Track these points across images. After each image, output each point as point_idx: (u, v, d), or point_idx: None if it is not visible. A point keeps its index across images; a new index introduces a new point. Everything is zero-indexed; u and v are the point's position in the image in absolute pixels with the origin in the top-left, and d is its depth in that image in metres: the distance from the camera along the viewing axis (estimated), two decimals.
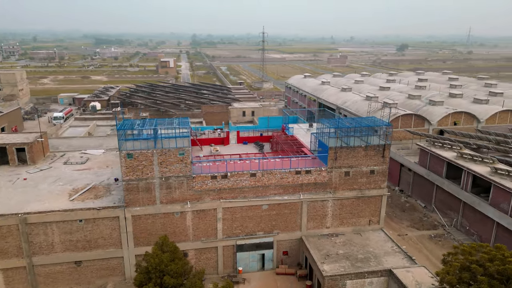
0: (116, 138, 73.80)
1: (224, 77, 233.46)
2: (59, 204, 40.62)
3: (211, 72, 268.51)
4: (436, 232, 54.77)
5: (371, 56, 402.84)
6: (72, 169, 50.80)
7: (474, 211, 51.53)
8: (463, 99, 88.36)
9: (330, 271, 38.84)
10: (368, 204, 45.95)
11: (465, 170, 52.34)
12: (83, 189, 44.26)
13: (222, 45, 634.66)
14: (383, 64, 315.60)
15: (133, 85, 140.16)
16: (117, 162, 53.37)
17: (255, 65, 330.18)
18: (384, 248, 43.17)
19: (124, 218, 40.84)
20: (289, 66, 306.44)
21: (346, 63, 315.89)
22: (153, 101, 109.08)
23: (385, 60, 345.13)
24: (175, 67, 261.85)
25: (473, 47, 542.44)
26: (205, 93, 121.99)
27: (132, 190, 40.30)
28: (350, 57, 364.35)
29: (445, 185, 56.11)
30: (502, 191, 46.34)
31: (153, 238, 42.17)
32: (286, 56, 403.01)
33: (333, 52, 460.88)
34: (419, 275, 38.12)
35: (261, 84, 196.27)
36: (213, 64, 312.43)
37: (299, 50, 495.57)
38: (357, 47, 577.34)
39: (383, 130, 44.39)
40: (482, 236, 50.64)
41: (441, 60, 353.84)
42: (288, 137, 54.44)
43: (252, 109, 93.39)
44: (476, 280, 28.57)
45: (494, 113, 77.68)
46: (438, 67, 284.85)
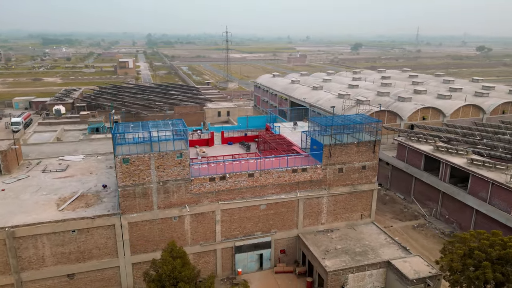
0: (90, 142, 71.00)
1: (187, 77, 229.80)
2: (47, 215, 38.18)
3: (172, 72, 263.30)
4: (418, 222, 57.51)
5: (329, 55, 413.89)
6: (52, 177, 47.89)
7: (453, 201, 54.69)
8: (427, 95, 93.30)
9: (332, 266, 39.61)
10: (360, 199, 47.34)
11: (443, 162, 55.40)
12: (71, 197, 41.90)
13: (179, 45, 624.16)
14: (340, 63, 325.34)
15: (96, 87, 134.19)
16: (100, 168, 51.13)
17: (216, 64, 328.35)
18: (379, 240, 44.69)
19: (120, 226, 39.16)
20: (250, 66, 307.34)
21: (306, 62, 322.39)
22: (121, 103, 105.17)
23: (342, 59, 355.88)
24: (135, 68, 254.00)
25: (421, 46, 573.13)
26: (174, 94, 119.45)
27: (129, 196, 38.73)
28: (308, 56, 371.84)
29: (424, 177, 59.05)
30: (480, 180, 49.58)
31: (151, 245, 40.90)
32: (247, 55, 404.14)
33: (291, 52, 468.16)
34: (415, 264, 39.85)
35: (226, 84, 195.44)
36: (174, 64, 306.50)
37: (258, 50, 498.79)
38: (314, 46, 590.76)
39: (373, 126, 45.83)
40: (461, 224, 53.88)
41: (393, 58, 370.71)
42: (276, 136, 54.76)
43: (227, 109, 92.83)
44: (479, 266, 30.37)
45: (458, 108, 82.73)
46: (392, 65, 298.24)
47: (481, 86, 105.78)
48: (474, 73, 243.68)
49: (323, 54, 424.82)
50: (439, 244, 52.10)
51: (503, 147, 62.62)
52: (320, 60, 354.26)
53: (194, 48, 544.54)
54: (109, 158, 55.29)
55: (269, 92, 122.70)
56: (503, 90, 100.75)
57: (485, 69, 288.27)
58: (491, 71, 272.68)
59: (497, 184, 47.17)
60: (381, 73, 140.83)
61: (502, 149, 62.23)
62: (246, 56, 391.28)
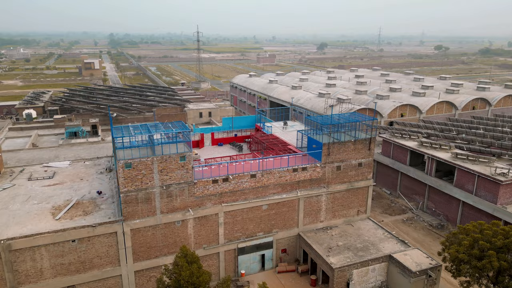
0: (70, 147, 67.98)
1: (157, 78, 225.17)
2: (44, 225, 36.23)
3: (140, 73, 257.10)
4: (406, 216, 59.52)
5: (296, 55, 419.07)
6: (40, 185, 45.48)
7: (439, 194, 57.06)
8: (402, 93, 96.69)
9: (337, 263, 40.22)
10: (356, 196, 48.35)
11: (429, 157, 57.65)
12: (67, 206, 39.98)
13: (144, 45, 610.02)
14: (308, 62, 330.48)
15: (65, 89, 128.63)
16: (91, 173, 49.14)
17: (185, 65, 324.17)
18: (377, 235, 45.85)
19: (122, 233, 37.81)
20: (220, 66, 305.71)
21: (275, 62, 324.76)
22: (96, 105, 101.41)
23: (310, 59, 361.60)
24: (101, 69, 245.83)
25: (383, 45, 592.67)
26: (150, 95, 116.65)
27: (131, 202, 37.48)
28: (277, 56, 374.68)
29: (410, 172, 61.17)
30: (466, 173, 52.04)
31: (154, 251, 39.81)
32: (215, 55, 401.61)
33: (259, 52, 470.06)
34: (416, 256, 41.25)
35: (199, 84, 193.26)
36: (141, 65, 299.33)
37: (226, 50, 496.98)
38: (280, 46, 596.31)
39: (368, 124, 46.92)
40: (448, 216, 56.32)
41: (358, 58, 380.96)
42: (269, 136, 54.83)
43: (209, 110, 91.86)
44: (483, 256, 31.86)
45: (432, 105, 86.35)
46: (357, 64, 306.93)
47: (450, 83, 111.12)
48: (435, 72, 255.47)
49: (291, 54, 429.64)
50: (429, 236, 54.33)
51: (480, 141, 66.05)
52: (289, 60, 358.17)
53: (160, 48, 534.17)
54: (97, 163, 53.23)
55: (247, 92, 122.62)
56: (470, 87, 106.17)
57: (444, 67, 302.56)
58: (450, 69, 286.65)
59: (483, 176, 49.68)
60: (353, 72, 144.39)
61: (479, 143, 65.65)
62: (215, 56, 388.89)
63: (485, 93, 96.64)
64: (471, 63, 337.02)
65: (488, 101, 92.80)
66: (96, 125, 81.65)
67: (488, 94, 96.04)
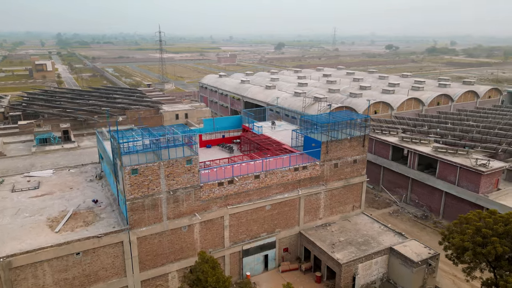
0: (45, 155, 63.91)
1: (116, 79, 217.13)
2: (45, 239, 33.93)
3: (97, 75, 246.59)
4: (392, 209, 62.01)
5: (255, 54, 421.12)
6: (27, 196, 42.48)
7: (422, 186, 60.01)
8: (372, 91, 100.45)
9: (344, 259, 41.14)
10: (351, 191, 49.66)
11: (412, 151, 60.43)
12: (63, 217, 37.65)
13: (96, 45, 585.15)
14: (269, 62, 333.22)
15: (23, 93, 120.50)
16: (79, 182, 46.64)
17: (144, 65, 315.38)
18: (374, 229, 47.40)
19: (128, 242, 36.25)
20: (181, 66, 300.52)
21: (236, 61, 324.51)
22: (61, 109, 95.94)
23: (270, 58, 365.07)
24: (54, 71, 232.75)
25: (337, 45, 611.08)
26: (118, 98, 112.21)
27: (137, 209, 36.02)
28: (237, 55, 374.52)
29: (393, 166, 63.78)
30: (448, 166, 55.16)
31: (160, 259, 38.56)
32: (173, 55, 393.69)
33: (218, 51, 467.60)
34: (415, 247, 43.15)
35: (163, 85, 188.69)
36: (97, 66, 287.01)
37: (184, 50, 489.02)
38: (238, 46, 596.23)
39: (362, 121, 48.35)
40: (431, 206, 59.38)
41: (316, 57, 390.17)
42: (261, 136, 54.85)
43: (185, 111, 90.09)
44: (486, 243, 33.96)
45: (402, 101, 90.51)
46: (315, 63, 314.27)
47: (413, 81, 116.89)
48: (390, 70, 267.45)
49: (250, 54, 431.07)
50: (415, 227, 56.94)
51: (453, 135, 70.28)
52: (249, 60, 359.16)
53: (113, 49, 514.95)
54: (83, 170, 50.53)
55: (218, 93, 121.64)
56: (432, 84, 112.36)
57: (397, 65, 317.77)
58: (403, 67, 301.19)
59: (465, 168, 52.91)
60: (320, 71, 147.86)
61: (452, 137, 69.83)
62: (173, 56, 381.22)
63: (447, 90, 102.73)
64: (420, 61, 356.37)
65: (450, 97, 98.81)
66: (68, 130, 77.41)
67: (449, 90, 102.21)
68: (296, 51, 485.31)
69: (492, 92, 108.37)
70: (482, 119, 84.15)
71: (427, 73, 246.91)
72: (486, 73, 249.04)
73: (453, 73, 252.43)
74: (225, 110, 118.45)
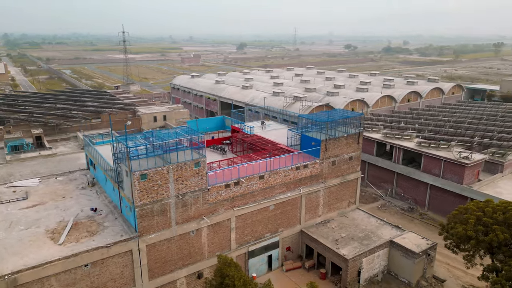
0: (21, 163, 59.81)
1: (77, 81, 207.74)
2: (49, 252, 31.85)
3: (55, 77, 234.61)
4: (379, 203, 64.02)
5: (218, 54, 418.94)
6: (17, 208, 39.70)
7: (407, 180, 62.44)
8: (347, 89, 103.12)
9: (350, 254, 41.93)
10: (348, 188, 50.72)
11: (396, 147, 62.71)
12: (64, 228, 35.51)
13: (48, 46, 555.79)
14: (233, 62, 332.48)
15: None
16: (70, 190, 44.24)
17: (103, 66, 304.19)
18: (372, 223, 48.70)
19: (137, 250, 34.83)
20: (143, 67, 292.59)
21: (200, 62, 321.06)
22: (28, 114, 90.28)
23: (234, 58, 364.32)
24: (7, 73, 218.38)
25: (297, 45, 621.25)
26: (87, 101, 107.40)
27: (147, 215, 34.69)
28: (201, 56, 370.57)
29: (379, 162, 65.84)
30: (433, 159, 57.80)
31: (169, 266, 37.40)
32: (134, 56, 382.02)
33: (179, 52, 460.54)
34: (413, 239, 44.84)
35: (128, 87, 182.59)
36: (52, 68, 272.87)
37: (144, 50, 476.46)
38: (199, 46, 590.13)
39: (357, 119, 49.45)
40: (416, 199, 61.93)
41: (279, 57, 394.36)
42: (254, 137, 54.63)
43: (163, 113, 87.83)
44: (488, 231, 35.95)
45: (377, 99, 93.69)
46: (278, 63, 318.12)
47: (383, 79, 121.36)
48: (352, 69, 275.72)
49: (212, 54, 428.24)
50: (403, 219, 59.13)
51: (430, 130, 73.71)
52: (213, 60, 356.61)
53: (67, 50, 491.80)
54: (72, 178, 47.91)
55: (192, 93, 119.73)
56: (401, 81, 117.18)
57: (357, 64, 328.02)
58: (363, 66, 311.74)
59: (449, 161, 55.68)
60: (291, 70, 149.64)
61: (429, 132, 73.24)
62: (134, 57, 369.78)
63: (415, 87, 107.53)
64: (379, 60, 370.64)
65: (419, 94, 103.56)
66: (41, 136, 73.14)
67: (418, 87, 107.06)
68: (258, 51, 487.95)
69: (455, 89, 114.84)
70: (451, 114, 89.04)
71: (386, 71, 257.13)
72: (440, 71, 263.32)
73: (411, 71, 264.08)
74: (200, 111, 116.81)
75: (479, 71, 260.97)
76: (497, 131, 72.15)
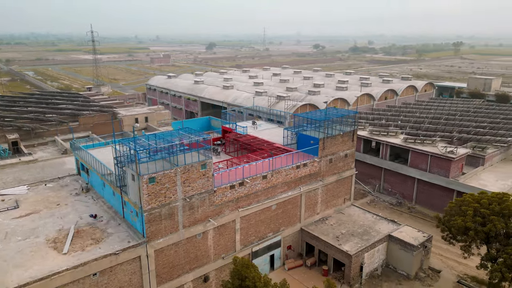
0: (1, 170, 56.35)
1: (42, 83, 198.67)
2: (54, 263, 30.31)
3: (17, 79, 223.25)
4: (368, 199, 65.53)
5: (187, 55, 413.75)
6: (9, 217, 37.49)
7: (395, 175, 64.28)
8: (327, 88, 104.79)
9: (352, 250, 42.63)
10: (343, 185, 51.55)
11: (384, 143, 64.40)
12: (65, 236, 33.90)
13: (6, 46, 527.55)
14: (204, 62, 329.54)
15: None
16: (64, 196, 42.35)
17: (69, 68, 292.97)
18: (369, 219, 49.76)
19: (146, 256, 33.80)
20: (112, 68, 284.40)
21: (170, 62, 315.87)
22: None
23: (205, 58, 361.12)
24: None
25: (266, 45, 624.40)
26: (60, 103, 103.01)
27: (155, 220, 33.71)
28: (171, 56, 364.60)
29: (367, 158, 67.33)
30: (420, 154, 59.82)
31: (176, 270, 36.57)
32: (100, 57, 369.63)
33: (147, 52, 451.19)
34: (410, 232, 46.22)
35: (99, 88, 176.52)
36: (13, 69, 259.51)
37: (110, 50, 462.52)
38: (167, 46, 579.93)
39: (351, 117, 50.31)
40: (404, 193, 63.88)
41: (250, 57, 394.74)
42: (248, 137, 54.38)
43: (145, 115, 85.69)
44: (485, 222, 37.62)
45: (357, 97, 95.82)
46: (250, 63, 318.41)
47: (359, 77, 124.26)
48: (323, 68, 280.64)
49: (182, 54, 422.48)
50: (393, 214, 60.80)
51: (410, 127, 76.20)
52: (183, 60, 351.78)
53: (28, 50, 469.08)
54: (62, 184, 45.83)
55: (170, 94, 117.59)
56: (376, 80, 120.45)
57: (327, 64, 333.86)
58: (333, 65, 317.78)
59: (436, 156, 57.82)
60: (267, 70, 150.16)
61: (410, 128, 75.70)
62: (101, 58, 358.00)
63: (391, 85, 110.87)
64: (346, 59, 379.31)
65: (395, 92, 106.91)
66: (17, 141, 69.48)
67: (394, 85, 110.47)
68: (228, 51, 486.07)
69: (427, 86, 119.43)
70: (427, 110, 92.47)
71: (357, 71, 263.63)
72: (406, 70, 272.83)
73: (378, 70, 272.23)
74: (179, 112, 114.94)
75: (442, 69, 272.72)
76: (473, 126, 75.71)
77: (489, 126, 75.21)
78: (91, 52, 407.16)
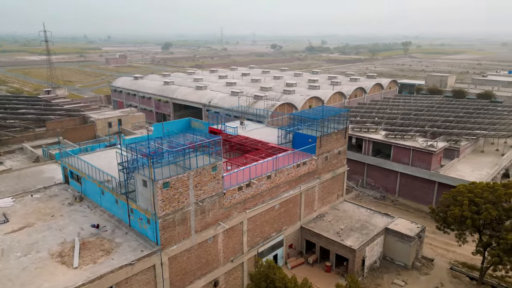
0: None
1: None
2: (66, 278, 28.30)
3: None
4: (353, 194, 67.26)
5: (144, 55, 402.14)
6: (1, 233, 34.42)
7: (377, 170, 66.52)
8: (299, 87, 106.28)
9: (355, 245, 43.56)
10: (337, 181, 52.52)
11: (366, 139, 66.43)
12: (71, 249, 31.71)
13: None
14: (162, 62, 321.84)
15: None
16: (57, 207, 39.75)
17: (15, 69, 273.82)
18: (363, 213, 51.08)
19: (160, 264, 32.41)
20: (64, 69, 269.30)
21: (127, 62, 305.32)
22: None
23: (163, 58, 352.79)
24: None
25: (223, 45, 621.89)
26: (20, 108, 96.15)
27: (169, 226, 32.43)
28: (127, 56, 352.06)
29: (349, 155, 68.67)
30: (402, 149, 62.37)
31: (188, 277, 35.48)
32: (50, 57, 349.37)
33: (99, 52, 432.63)
34: (404, 224, 48.07)
35: (54, 91, 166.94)
36: None
37: (60, 51, 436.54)
38: (120, 46, 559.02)
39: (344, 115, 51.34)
40: (387, 187, 66.28)
41: (209, 57, 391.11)
42: (240, 137, 53.83)
43: (118, 118, 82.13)
44: (479, 210, 39.95)
45: (330, 95, 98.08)
46: (209, 63, 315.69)
47: (327, 76, 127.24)
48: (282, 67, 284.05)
49: (137, 54, 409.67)
50: (379, 207, 62.71)
51: (386, 123, 79.22)
52: (140, 60, 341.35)
53: None
54: (50, 194, 42.79)
55: (138, 96, 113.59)
56: (345, 79, 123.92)
57: (286, 63, 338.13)
58: (292, 65, 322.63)
59: (417, 150, 60.55)
60: (235, 70, 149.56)
61: (385, 124, 78.67)
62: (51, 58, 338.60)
63: (359, 83, 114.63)
64: (304, 59, 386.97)
65: (364, 90, 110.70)
66: None
67: (362, 83, 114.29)
68: (185, 51, 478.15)
69: (392, 84, 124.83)
70: (395, 107, 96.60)
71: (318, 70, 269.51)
72: (362, 68, 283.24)
73: (336, 69, 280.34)
74: (149, 114, 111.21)
75: (394, 68, 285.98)
76: (442, 121, 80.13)
77: (455, 120, 79.98)
78: (38, 53, 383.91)
